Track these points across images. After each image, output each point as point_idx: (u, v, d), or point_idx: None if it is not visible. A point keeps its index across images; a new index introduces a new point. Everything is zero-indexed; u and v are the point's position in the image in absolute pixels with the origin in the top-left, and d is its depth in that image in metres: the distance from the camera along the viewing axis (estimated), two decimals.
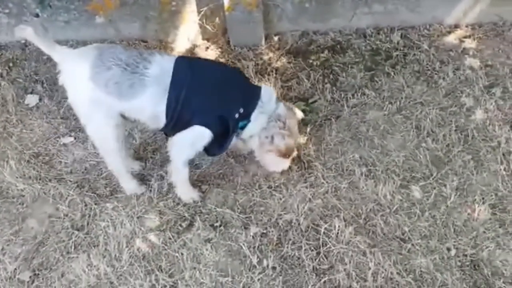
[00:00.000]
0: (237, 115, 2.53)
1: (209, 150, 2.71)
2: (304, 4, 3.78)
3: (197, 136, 2.55)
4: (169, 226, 2.77)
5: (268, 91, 2.63)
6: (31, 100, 3.62)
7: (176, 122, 2.51)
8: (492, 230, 2.61)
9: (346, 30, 3.85)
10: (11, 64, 3.84)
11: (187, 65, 2.52)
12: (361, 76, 3.50)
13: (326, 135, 3.15)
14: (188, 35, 3.93)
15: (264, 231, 2.70)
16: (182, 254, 2.63)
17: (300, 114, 2.82)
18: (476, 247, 2.55)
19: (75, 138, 3.34)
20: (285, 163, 2.84)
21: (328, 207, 2.79)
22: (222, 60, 3.75)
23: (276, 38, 3.87)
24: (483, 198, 2.73)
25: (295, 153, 2.84)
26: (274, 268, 2.54)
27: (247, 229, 2.71)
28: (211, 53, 3.85)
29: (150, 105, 2.48)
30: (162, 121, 2.54)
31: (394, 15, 3.79)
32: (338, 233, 2.64)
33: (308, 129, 3.17)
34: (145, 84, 2.42)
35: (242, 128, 2.62)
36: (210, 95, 2.51)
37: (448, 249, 2.55)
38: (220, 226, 2.74)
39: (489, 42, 3.64)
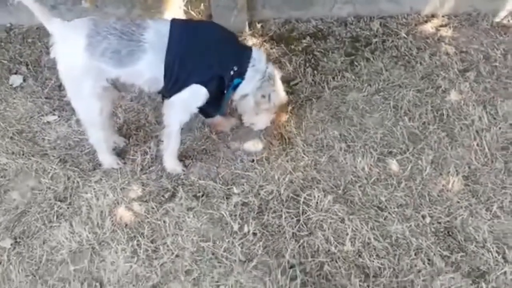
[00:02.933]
0: (232, 72, 2.61)
1: (206, 111, 2.82)
2: None
3: (193, 95, 2.61)
4: (151, 197, 2.81)
5: (259, 52, 2.73)
6: (15, 80, 3.64)
7: (174, 83, 2.57)
8: (465, 199, 2.71)
9: (327, 18, 3.96)
10: None
11: (182, 26, 2.59)
12: (342, 61, 3.60)
13: (307, 113, 3.23)
14: None
15: (246, 201, 2.75)
16: (164, 222, 2.66)
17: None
18: (450, 215, 2.64)
19: (59, 117, 3.36)
20: (270, 118, 2.97)
21: (308, 179, 2.85)
22: None
23: (259, 25, 3.95)
24: (457, 171, 2.83)
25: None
26: (254, 234, 2.59)
27: (229, 199, 2.76)
28: None
29: (150, 69, 2.53)
30: (161, 83, 2.60)
31: (374, 4, 3.91)
32: (317, 202, 2.71)
33: (290, 107, 3.25)
34: (145, 50, 2.47)
35: (236, 87, 2.68)
36: (206, 54, 2.57)
37: (423, 217, 2.64)
38: (202, 196, 2.79)
39: (464, 31, 3.78)
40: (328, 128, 3.13)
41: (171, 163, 2.92)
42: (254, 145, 3.06)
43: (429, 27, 3.83)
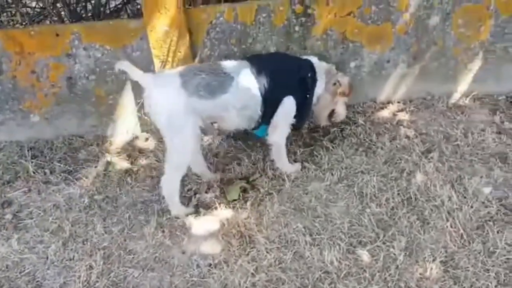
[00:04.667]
0: (309, 75, 3.13)
1: (295, 123, 3.19)
2: None
3: (287, 107, 3.08)
4: None
5: (313, 58, 3.27)
6: None
7: (271, 102, 3.02)
8: (447, 287, 2.42)
9: None
10: None
11: (255, 58, 3.19)
12: (301, 152, 3.49)
13: (267, 208, 3.02)
14: (127, 127, 3.90)
15: None
16: None
17: None
18: None
19: None
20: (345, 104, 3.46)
21: (272, 280, 2.56)
22: (161, 148, 3.69)
23: (215, 125, 3.86)
24: (433, 256, 2.58)
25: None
26: None
27: None
28: (150, 143, 3.80)
29: (239, 95, 2.91)
30: (256, 107, 2.99)
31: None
32: None
33: (249, 203, 3.04)
34: (231, 78, 2.89)
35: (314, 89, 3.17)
36: (286, 68, 3.13)
37: None
38: None
39: (421, 114, 3.77)
40: (291, 222, 2.91)
41: (290, 168, 3.27)
42: (211, 247, 2.80)
43: (386, 113, 3.81)
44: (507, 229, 2.67)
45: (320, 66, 3.23)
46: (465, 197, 2.93)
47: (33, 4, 4.60)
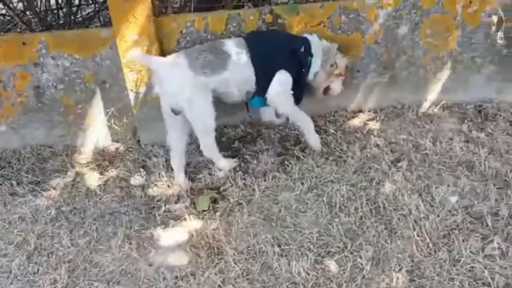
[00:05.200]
0: (302, 49, 3.26)
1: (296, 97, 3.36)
2: None
3: (282, 78, 3.26)
4: None
5: (311, 36, 3.40)
6: None
7: (266, 77, 3.23)
8: None
9: (255, 122, 3.90)
10: None
11: (252, 35, 3.35)
12: (272, 162, 3.48)
13: (237, 219, 3.00)
14: (97, 137, 3.85)
15: None
16: None
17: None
18: None
19: None
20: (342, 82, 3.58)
21: None
22: (131, 158, 3.66)
23: None
24: (399, 265, 2.59)
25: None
26: None
27: None
28: (120, 154, 3.76)
29: (239, 71, 3.16)
30: (251, 82, 3.24)
31: (300, 105, 3.90)
32: None
33: (218, 214, 3.02)
34: (230, 56, 3.14)
35: (310, 63, 3.33)
36: (279, 43, 3.32)
37: None
38: None
39: (391, 123, 3.80)
40: (260, 233, 2.89)
41: (315, 141, 3.49)
42: (179, 259, 2.77)
43: (357, 122, 3.84)
44: (472, 237, 2.70)
45: (318, 43, 3.35)
46: (432, 206, 2.96)
47: (3, 11, 4.52)
